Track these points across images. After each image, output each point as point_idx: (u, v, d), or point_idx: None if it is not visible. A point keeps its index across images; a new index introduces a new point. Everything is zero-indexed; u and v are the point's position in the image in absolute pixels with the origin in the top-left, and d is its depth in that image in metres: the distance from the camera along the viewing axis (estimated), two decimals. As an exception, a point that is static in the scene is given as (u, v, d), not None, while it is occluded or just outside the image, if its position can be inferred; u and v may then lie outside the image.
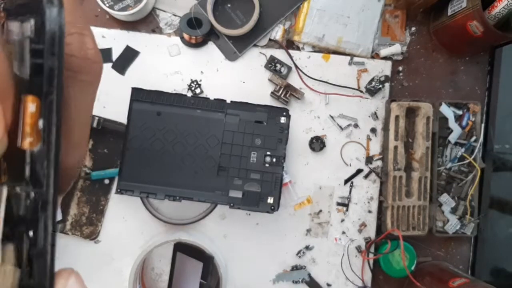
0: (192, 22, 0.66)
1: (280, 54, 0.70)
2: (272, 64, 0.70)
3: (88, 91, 0.19)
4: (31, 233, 0.14)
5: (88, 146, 0.18)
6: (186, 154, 0.62)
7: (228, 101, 0.62)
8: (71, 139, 0.18)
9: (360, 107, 0.71)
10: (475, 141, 0.71)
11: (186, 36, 0.68)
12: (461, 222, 0.71)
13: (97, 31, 0.68)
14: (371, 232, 0.71)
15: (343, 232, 0.71)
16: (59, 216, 0.64)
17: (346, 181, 0.71)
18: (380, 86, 0.71)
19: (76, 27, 0.18)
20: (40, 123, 0.14)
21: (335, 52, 0.71)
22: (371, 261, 0.70)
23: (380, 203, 0.71)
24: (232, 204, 0.61)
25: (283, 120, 0.63)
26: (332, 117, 0.71)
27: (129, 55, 0.68)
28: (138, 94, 0.61)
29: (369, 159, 0.71)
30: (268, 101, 0.70)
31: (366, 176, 0.71)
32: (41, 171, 0.14)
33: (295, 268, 0.70)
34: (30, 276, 0.14)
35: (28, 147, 0.14)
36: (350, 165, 0.71)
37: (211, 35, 0.69)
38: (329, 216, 0.71)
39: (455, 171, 0.71)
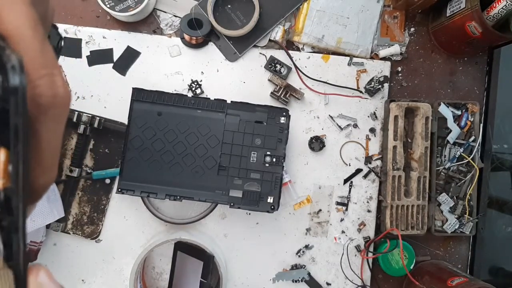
0: (192, 23, 0.66)
1: (280, 55, 0.70)
2: (272, 64, 0.70)
3: (56, 122, 0.20)
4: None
5: (57, 170, 0.21)
6: (186, 154, 0.62)
7: (228, 101, 0.63)
8: (41, 165, 0.20)
9: (359, 107, 0.72)
10: (474, 141, 0.71)
11: (186, 37, 0.68)
12: (460, 222, 0.71)
13: (98, 31, 0.68)
14: (370, 231, 0.71)
15: (343, 232, 0.71)
16: (61, 214, 0.64)
17: (345, 181, 0.71)
18: (379, 86, 0.72)
19: (46, 68, 0.19)
20: (10, 168, 0.18)
21: (335, 53, 0.72)
22: (370, 260, 0.71)
23: (379, 202, 0.71)
24: (232, 204, 0.62)
25: (283, 120, 0.63)
26: (331, 117, 0.71)
27: (130, 55, 0.69)
28: (139, 94, 0.62)
29: (368, 159, 0.71)
30: (268, 101, 0.70)
31: (365, 176, 0.71)
32: (12, 203, 0.18)
33: (295, 267, 0.71)
34: None
35: (1, 187, 0.18)
36: (350, 165, 0.71)
37: (212, 35, 0.69)
38: (328, 216, 0.71)
39: (454, 171, 0.72)
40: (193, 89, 0.69)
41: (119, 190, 0.61)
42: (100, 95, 0.68)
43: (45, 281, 0.19)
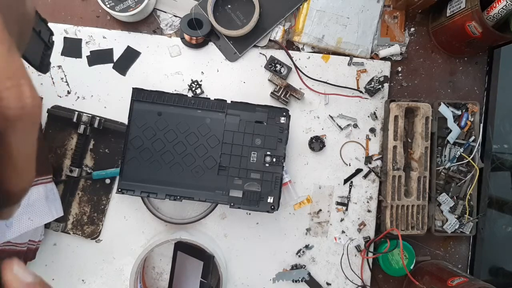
0: (192, 23, 0.66)
1: (280, 55, 0.70)
2: (272, 64, 0.70)
3: (27, 133, 0.20)
4: None
5: (34, 172, 0.21)
6: (186, 154, 0.62)
7: (229, 101, 0.63)
8: (16, 171, 0.20)
9: (359, 107, 0.72)
10: (474, 141, 0.71)
11: (186, 37, 0.68)
12: (460, 222, 0.71)
13: (98, 31, 0.68)
14: (370, 231, 0.71)
15: (343, 232, 0.71)
16: (60, 213, 0.64)
17: (345, 181, 0.71)
18: (379, 86, 0.72)
19: (12, 79, 0.19)
20: None
21: (335, 53, 0.72)
22: (371, 260, 0.71)
23: (379, 202, 0.71)
24: (232, 204, 0.61)
25: (283, 120, 0.63)
26: (331, 117, 0.71)
27: (130, 55, 0.69)
28: (139, 94, 0.62)
29: (368, 159, 0.71)
30: (268, 101, 0.70)
31: (365, 176, 0.71)
32: None
33: (295, 267, 0.71)
34: None
35: None
36: (350, 165, 0.71)
37: (212, 35, 0.69)
38: (328, 216, 0.71)
39: (454, 171, 0.72)
40: (193, 89, 0.69)
41: (119, 190, 0.61)
42: (100, 95, 0.68)
43: (20, 272, 0.19)
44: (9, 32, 0.19)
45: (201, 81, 0.70)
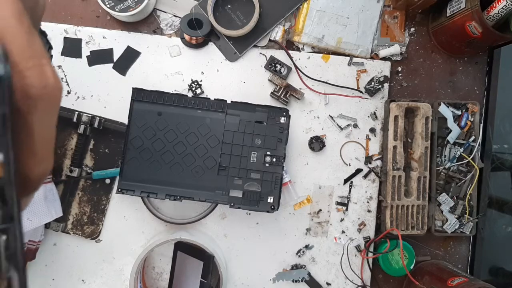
0: (192, 23, 0.66)
1: (280, 55, 0.70)
2: (272, 64, 0.70)
3: (48, 114, 0.20)
4: (3, 238, 0.18)
5: (53, 159, 0.21)
6: (186, 154, 0.62)
7: (229, 101, 0.63)
8: (35, 156, 0.20)
9: (359, 107, 0.72)
10: (474, 141, 0.71)
11: (186, 37, 0.68)
12: (460, 222, 0.71)
13: (98, 31, 0.68)
14: (370, 231, 0.71)
15: (343, 232, 0.71)
16: (59, 213, 0.64)
17: (345, 181, 0.71)
18: (379, 86, 0.72)
19: (34, 58, 0.19)
20: (0, 157, 0.17)
21: (335, 53, 0.72)
22: (371, 260, 0.71)
23: (379, 202, 0.71)
24: (232, 204, 0.61)
25: (283, 120, 0.63)
26: (331, 117, 0.71)
27: (130, 55, 0.69)
28: (139, 94, 0.62)
29: (368, 159, 0.71)
30: (268, 101, 0.70)
31: (365, 176, 0.71)
32: (6, 193, 0.18)
33: (295, 267, 0.71)
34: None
35: None
36: (350, 165, 0.71)
37: (212, 35, 0.69)
38: (328, 216, 0.71)
39: (454, 171, 0.72)
40: (193, 89, 0.69)
41: (119, 190, 0.61)
42: (100, 95, 0.68)
43: None
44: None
45: (201, 81, 0.70)
